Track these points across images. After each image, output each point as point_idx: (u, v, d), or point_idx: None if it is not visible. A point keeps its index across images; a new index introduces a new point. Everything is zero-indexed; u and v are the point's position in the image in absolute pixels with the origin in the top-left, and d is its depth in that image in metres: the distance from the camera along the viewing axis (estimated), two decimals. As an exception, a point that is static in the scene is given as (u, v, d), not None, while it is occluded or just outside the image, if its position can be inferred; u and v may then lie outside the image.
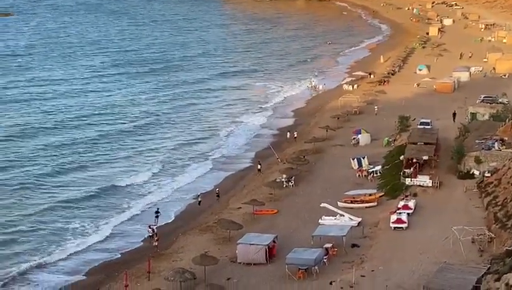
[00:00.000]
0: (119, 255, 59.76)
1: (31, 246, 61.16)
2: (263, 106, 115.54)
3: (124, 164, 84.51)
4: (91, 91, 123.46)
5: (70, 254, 60.01)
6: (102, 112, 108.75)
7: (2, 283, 54.00)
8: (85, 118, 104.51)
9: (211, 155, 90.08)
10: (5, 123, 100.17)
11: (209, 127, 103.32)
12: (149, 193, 76.28)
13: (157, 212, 67.85)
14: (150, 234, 60.91)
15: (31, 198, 72.32)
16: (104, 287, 50.71)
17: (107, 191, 75.44)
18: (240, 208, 67.07)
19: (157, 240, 59.40)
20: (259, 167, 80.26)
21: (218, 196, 72.43)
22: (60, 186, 76.68)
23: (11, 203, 70.91)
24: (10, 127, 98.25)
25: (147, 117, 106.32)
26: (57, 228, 65.28)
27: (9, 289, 53.33)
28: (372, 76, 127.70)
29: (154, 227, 62.56)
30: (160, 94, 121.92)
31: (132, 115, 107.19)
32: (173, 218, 68.83)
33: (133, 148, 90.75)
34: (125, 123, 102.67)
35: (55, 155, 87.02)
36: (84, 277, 55.59)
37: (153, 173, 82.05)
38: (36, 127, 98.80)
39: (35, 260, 58.37)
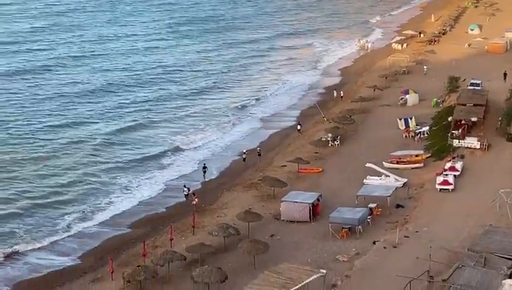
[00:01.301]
0: (165, 210, 60.54)
1: (78, 199, 62.38)
2: (311, 65, 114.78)
3: (174, 123, 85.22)
4: (144, 51, 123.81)
5: (116, 208, 61.03)
6: (154, 73, 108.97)
7: (51, 232, 55.35)
8: (138, 79, 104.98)
9: (256, 113, 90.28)
10: (64, 81, 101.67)
11: (257, 85, 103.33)
12: (196, 149, 77.05)
13: (204, 167, 68.66)
14: (186, 193, 61.23)
15: (82, 154, 73.50)
16: (149, 240, 51.45)
17: (156, 149, 76.30)
18: (285, 166, 67.13)
19: (196, 198, 59.75)
20: (299, 127, 79.78)
21: (259, 154, 72.55)
22: (113, 143, 77.74)
23: (61, 155, 72.25)
24: (65, 85, 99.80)
25: (198, 77, 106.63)
26: (105, 183, 66.38)
27: (56, 239, 54.56)
28: (422, 35, 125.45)
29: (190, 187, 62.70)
30: (211, 54, 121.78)
31: (183, 76, 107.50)
32: (218, 174, 69.33)
33: (182, 107, 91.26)
34: (176, 84, 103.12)
35: (112, 114, 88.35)
36: (129, 229, 56.52)
37: (201, 130, 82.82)
38: (93, 86, 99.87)
39: (82, 212, 59.61)
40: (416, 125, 74.35)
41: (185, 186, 61.96)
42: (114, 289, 44.37)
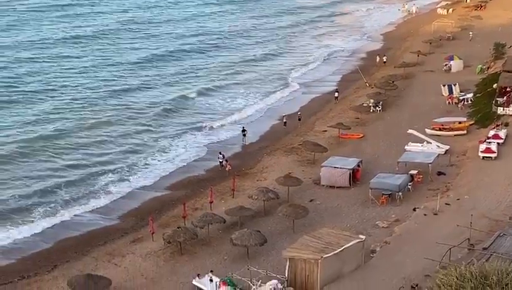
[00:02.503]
0: (205, 173, 60.87)
1: (120, 162, 63.08)
2: (354, 31, 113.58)
3: (217, 90, 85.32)
4: (197, 18, 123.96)
5: (157, 170, 61.58)
6: (205, 40, 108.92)
7: (92, 193, 56.18)
8: (192, 46, 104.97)
9: (298, 78, 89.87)
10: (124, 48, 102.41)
11: (299, 51, 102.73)
12: (236, 112, 77.09)
13: (243, 130, 68.74)
14: (221, 161, 61.27)
15: (118, 115, 74.24)
16: (189, 202, 51.87)
17: (199, 113, 76.62)
18: (325, 131, 66.85)
19: (229, 164, 59.75)
20: (336, 94, 79.00)
21: (300, 119, 72.28)
22: (150, 103, 78.37)
23: (103, 121, 73.06)
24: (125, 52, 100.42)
25: (243, 45, 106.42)
26: (146, 145, 66.97)
27: (97, 200, 55.35)
28: (468, 0, 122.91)
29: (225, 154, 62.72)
30: (257, 22, 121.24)
31: (229, 43, 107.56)
32: (258, 138, 69.35)
33: (226, 74, 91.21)
34: (222, 51, 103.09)
35: (144, 71, 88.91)
36: (169, 191, 57.02)
37: (241, 94, 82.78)
38: (151, 54, 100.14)
39: (123, 174, 60.30)
40: (460, 92, 73.27)
41: (220, 153, 61.80)
42: (154, 250, 44.92)
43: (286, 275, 38.71)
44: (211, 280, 38.39)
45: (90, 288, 38.23)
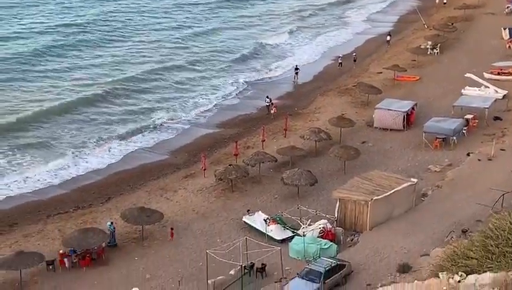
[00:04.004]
0: (257, 111, 60.91)
1: (172, 99, 63.69)
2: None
3: (270, 25, 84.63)
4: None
5: (210, 107, 62.02)
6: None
7: (146, 128, 56.92)
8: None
9: (352, 18, 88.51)
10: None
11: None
12: (290, 52, 76.62)
13: (296, 69, 68.42)
14: (267, 104, 60.84)
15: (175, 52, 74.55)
16: (241, 140, 52.13)
17: (248, 49, 76.32)
18: (381, 72, 65.97)
19: (274, 107, 59.43)
20: (388, 38, 77.50)
21: (355, 60, 71.41)
22: (207, 40, 78.46)
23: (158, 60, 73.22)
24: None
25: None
26: (197, 83, 67.30)
27: (150, 134, 56.09)
28: None
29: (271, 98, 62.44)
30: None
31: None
32: (312, 78, 68.91)
33: (275, 10, 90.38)
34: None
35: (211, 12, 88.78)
36: (222, 129, 57.34)
37: (295, 35, 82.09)
38: None
39: (176, 110, 60.90)
40: (522, 35, 71.26)
41: (267, 97, 61.20)
42: (206, 186, 45.46)
43: (336, 216, 38.88)
44: (265, 221, 38.75)
45: (142, 221, 39.07)
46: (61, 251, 36.89)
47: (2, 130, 54.13)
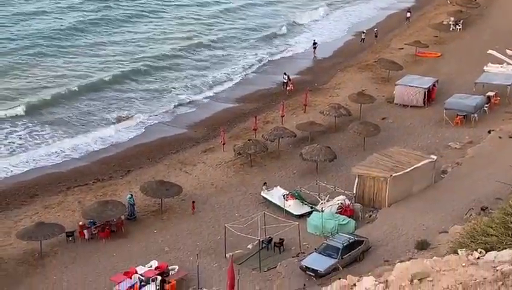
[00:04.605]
0: (276, 86, 60.71)
1: (193, 71, 63.80)
2: None
3: (295, 2, 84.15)
4: None
5: (228, 82, 62.03)
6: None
7: (165, 102, 56.99)
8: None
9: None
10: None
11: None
12: (313, 28, 76.29)
13: (314, 43, 68.10)
14: (285, 81, 60.07)
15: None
16: (260, 115, 52.07)
17: (270, 25, 76.04)
18: (402, 48, 65.42)
19: (291, 84, 59.04)
20: (408, 15, 76.53)
21: (376, 36, 70.81)
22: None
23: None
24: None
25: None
26: (217, 57, 67.34)
27: (169, 109, 56.11)
28: None
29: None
30: None
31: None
32: (332, 54, 68.51)
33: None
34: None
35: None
36: (241, 104, 57.27)
37: (320, 12, 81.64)
38: None
39: (196, 85, 61.00)
40: (547, 12, 70.24)
41: (285, 73, 60.44)
42: (225, 160, 45.54)
43: (354, 192, 38.84)
44: (284, 196, 38.78)
45: (162, 194, 39.28)
46: (81, 223, 37.29)
47: (28, 106, 54.50)
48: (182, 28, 75.62)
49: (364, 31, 71.72)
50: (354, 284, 14.74)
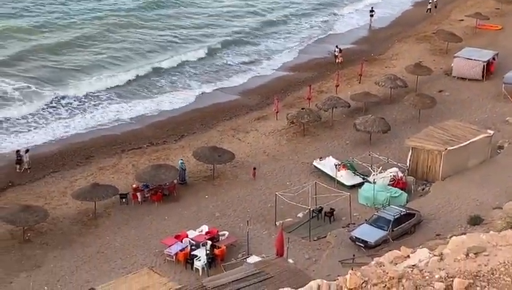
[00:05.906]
0: (331, 56, 60.03)
1: (247, 43, 63.69)
2: None
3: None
4: None
5: (283, 53, 61.72)
6: None
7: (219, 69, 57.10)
8: None
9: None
10: None
11: None
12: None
13: (371, 11, 67.57)
14: (336, 54, 58.69)
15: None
16: (315, 85, 51.75)
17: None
18: (462, 20, 64.09)
19: (341, 56, 57.78)
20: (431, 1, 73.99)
21: (436, 6, 69.31)
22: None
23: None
24: None
25: None
26: (272, 30, 67.06)
27: (221, 76, 56.40)
28: None
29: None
30: None
31: None
32: (389, 23, 67.53)
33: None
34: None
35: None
36: (296, 72, 56.97)
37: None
38: None
39: (253, 54, 60.85)
40: None
41: (337, 46, 59.08)
42: (278, 129, 45.47)
43: (407, 164, 38.43)
44: (336, 166, 38.57)
45: (214, 160, 39.49)
46: (134, 185, 37.81)
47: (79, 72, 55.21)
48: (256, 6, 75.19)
49: (431, 0, 70.29)
50: (408, 256, 14.61)
